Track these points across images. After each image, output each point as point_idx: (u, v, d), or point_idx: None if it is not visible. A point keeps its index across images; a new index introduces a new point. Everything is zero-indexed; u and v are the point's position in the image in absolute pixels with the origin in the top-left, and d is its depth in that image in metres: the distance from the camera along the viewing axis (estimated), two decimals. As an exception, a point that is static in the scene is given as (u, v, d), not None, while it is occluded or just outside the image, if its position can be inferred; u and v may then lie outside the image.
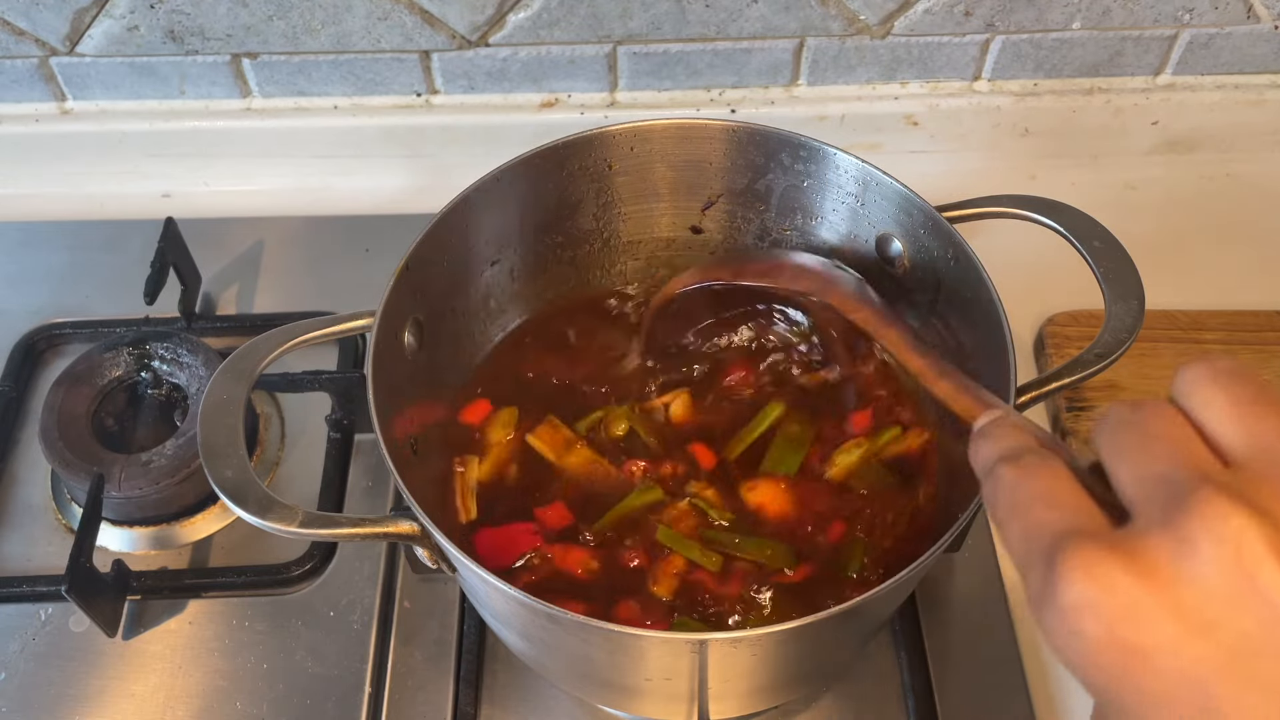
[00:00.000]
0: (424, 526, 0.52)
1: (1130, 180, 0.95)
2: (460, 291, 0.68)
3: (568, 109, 0.92)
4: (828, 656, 0.62)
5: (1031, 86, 0.92)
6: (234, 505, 0.52)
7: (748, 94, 0.92)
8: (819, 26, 0.86)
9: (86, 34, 0.86)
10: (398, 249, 0.61)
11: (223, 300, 0.87)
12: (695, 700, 0.58)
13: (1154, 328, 0.81)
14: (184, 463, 0.73)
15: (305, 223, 0.92)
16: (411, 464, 0.63)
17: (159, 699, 0.68)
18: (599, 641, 0.53)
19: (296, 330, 0.59)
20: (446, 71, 0.90)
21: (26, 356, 0.82)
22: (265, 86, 0.91)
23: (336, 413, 0.78)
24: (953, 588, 0.71)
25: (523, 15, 0.84)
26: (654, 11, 0.84)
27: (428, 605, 0.71)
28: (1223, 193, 0.94)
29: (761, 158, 0.68)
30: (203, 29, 0.85)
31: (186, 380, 0.77)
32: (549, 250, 0.72)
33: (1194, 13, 0.86)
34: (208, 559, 0.74)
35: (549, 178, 0.68)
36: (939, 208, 0.62)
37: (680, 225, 0.73)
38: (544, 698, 0.67)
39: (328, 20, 0.85)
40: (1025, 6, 0.85)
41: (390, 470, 0.53)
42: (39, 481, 0.77)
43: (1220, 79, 0.92)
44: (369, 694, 0.68)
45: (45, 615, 0.71)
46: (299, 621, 0.70)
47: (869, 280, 0.70)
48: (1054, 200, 0.63)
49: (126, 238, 0.88)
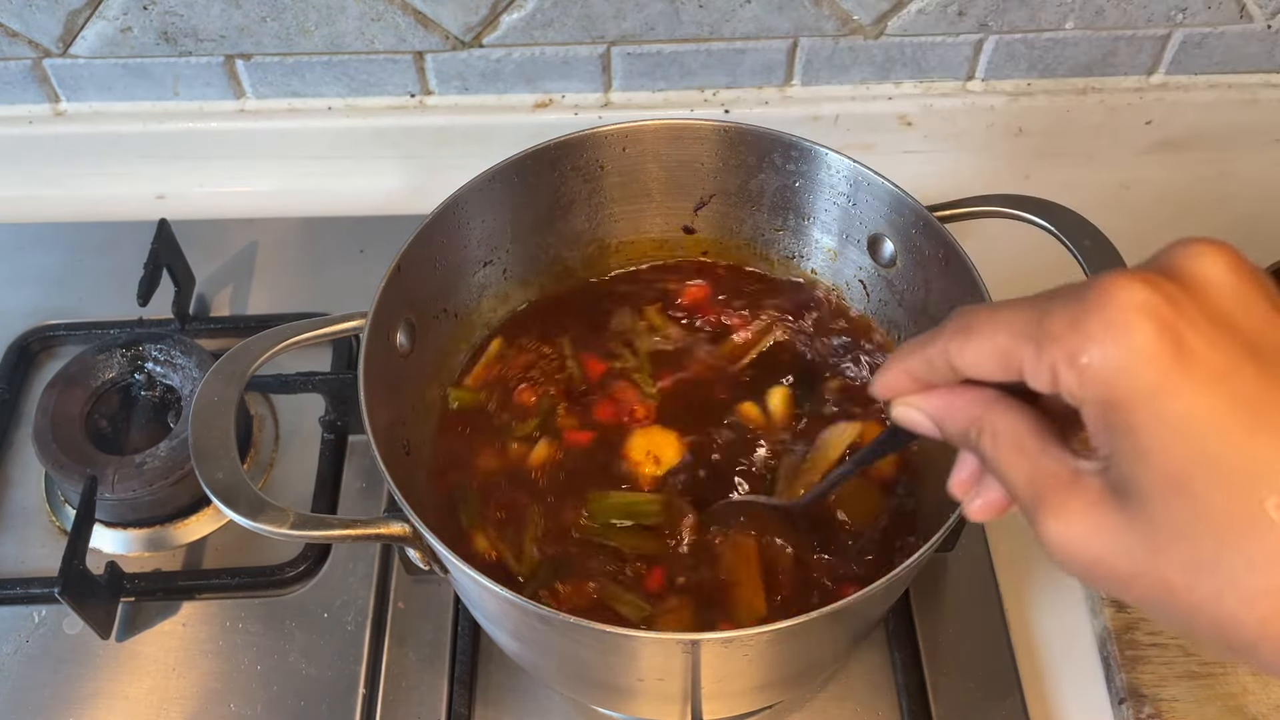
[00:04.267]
0: (416, 528, 0.52)
1: (1124, 180, 0.95)
2: (452, 292, 0.68)
3: (562, 110, 0.92)
4: (820, 656, 0.62)
5: (1025, 86, 0.92)
6: (225, 507, 0.52)
7: (741, 94, 0.92)
8: (812, 27, 0.86)
9: (80, 35, 0.86)
10: (392, 250, 0.61)
11: (216, 302, 0.87)
12: (688, 700, 0.58)
13: (1147, 327, 0.81)
14: (177, 464, 0.73)
15: (299, 224, 0.92)
16: (404, 465, 0.63)
17: (153, 701, 0.68)
18: (590, 642, 0.53)
19: (289, 332, 0.59)
20: (440, 72, 0.90)
21: (20, 358, 0.82)
22: (259, 88, 0.91)
23: (330, 414, 0.78)
24: (946, 587, 0.71)
25: (516, 16, 0.84)
26: (647, 12, 0.84)
27: (421, 606, 0.71)
28: (1216, 192, 0.94)
29: (753, 158, 0.68)
30: (196, 30, 0.85)
31: (180, 382, 0.77)
32: (541, 251, 0.72)
33: (1187, 12, 0.86)
34: (201, 561, 0.74)
35: (541, 178, 0.68)
36: (931, 207, 0.63)
37: (673, 225, 0.73)
38: (537, 698, 0.67)
39: (321, 21, 0.85)
40: (1018, 6, 0.85)
41: (382, 471, 0.53)
42: (32, 483, 0.77)
43: (1213, 78, 0.92)
44: (363, 695, 0.68)
45: (39, 617, 0.71)
46: (293, 623, 0.70)
47: (863, 281, 0.70)
48: (1045, 200, 0.63)
49: (120, 239, 0.88)
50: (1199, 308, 0.31)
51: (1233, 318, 0.31)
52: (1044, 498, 0.34)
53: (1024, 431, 0.35)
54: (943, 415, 0.38)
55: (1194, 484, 0.30)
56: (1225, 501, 0.30)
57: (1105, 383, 0.31)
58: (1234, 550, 0.30)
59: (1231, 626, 0.31)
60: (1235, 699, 0.65)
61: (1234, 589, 0.30)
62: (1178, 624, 0.33)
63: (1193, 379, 0.30)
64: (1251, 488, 0.30)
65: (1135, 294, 0.31)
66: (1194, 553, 0.31)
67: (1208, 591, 0.31)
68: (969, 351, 0.35)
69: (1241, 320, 0.31)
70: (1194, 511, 0.30)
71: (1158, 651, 0.67)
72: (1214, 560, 0.30)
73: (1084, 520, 0.33)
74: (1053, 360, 0.32)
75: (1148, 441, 0.31)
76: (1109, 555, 0.33)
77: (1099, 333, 0.31)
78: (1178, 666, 0.66)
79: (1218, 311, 0.31)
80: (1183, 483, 0.31)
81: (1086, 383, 0.31)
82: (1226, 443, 0.30)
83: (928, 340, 0.37)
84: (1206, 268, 0.32)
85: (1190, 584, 0.31)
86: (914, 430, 0.40)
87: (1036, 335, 0.33)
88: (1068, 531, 0.33)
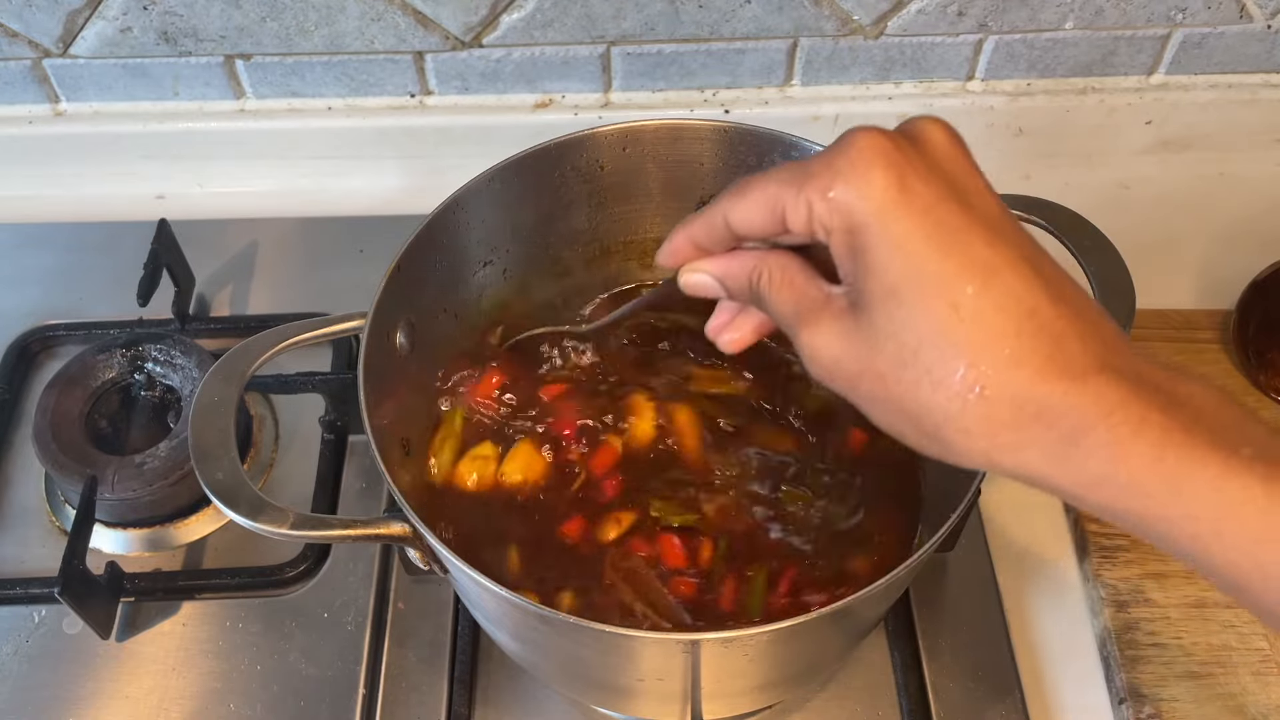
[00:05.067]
0: (415, 528, 0.52)
1: (1124, 180, 0.95)
2: (452, 292, 0.68)
3: (562, 110, 0.92)
4: (820, 656, 0.62)
5: (1025, 86, 0.92)
6: (225, 507, 0.52)
7: (741, 94, 0.92)
8: (812, 27, 0.86)
9: (80, 36, 0.86)
10: (392, 250, 0.61)
11: (216, 302, 0.87)
12: (688, 700, 0.58)
13: (1148, 327, 0.81)
14: (177, 464, 0.73)
15: (299, 224, 0.92)
16: (403, 465, 0.63)
17: (153, 701, 0.68)
18: (590, 642, 0.53)
19: (288, 332, 0.59)
20: (440, 72, 0.90)
21: (20, 358, 0.82)
22: (259, 88, 0.91)
23: (330, 414, 0.78)
24: (946, 587, 0.71)
25: (516, 16, 0.84)
26: (648, 12, 0.84)
27: (422, 606, 0.71)
28: (1216, 192, 0.94)
29: (753, 158, 0.68)
30: (196, 30, 0.85)
31: (180, 382, 0.77)
32: (541, 251, 0.72)
33: (1187, 12, 0.86)
34: (201, 561, 0.74)
35: (541, 179, 0.68)
36: (931, 207, 0.62)
37: (673, 225, 0.73)
38: (538, 698, 0.67)
39: (321, 21, 0.85)
40: (1018, 6, 0.85)
41: (382, 472, 0.53)
42: (32, 483, 0.77)
43: (1213, 78, 0.92)
44: (363, 695, 0.68)
45: (39, 617, 0.71)
46: (293, 623, 0.70)
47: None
48: (1044, 199, 0.63)
49: (120, 239, 0.88)
50: (920, 156, 0.38)
51: (943, 167, 0.39)
52: (802, 316, 0.41)
53: (793, 268, 0.42)
54: (725, 273, 0.45)
55: (903, 292, 0.37)
56: (924, 305, 0.37)
57: (846, 210, 0.38)
58: (929, 345, 0.37)
59: (925, 412, 0.38)
60: (1235, 699, 0.65)
61: (928, 376, 0.37)
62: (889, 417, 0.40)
63: (910, 208, 0.37)
64: (943, 294, 0.37)
65: (874, 140, 0.38)
66: (900, 349, 0.38)
67: (909, 381, 0.38)
68: (742, 207, 0.42)
69: (949, 169, 0.39)
70: (902, 315, 0.37)
71: (1158, 651, 0.67)
72: (914, 353, 0.37)
73: (828, 330, 0.40)
74: (809, 197, 0.39)
75: (873, 258, 0.38)
76: (843, 356, 0.40)
77: (844, 169, 0.38)
78: (1178, 666, 0.67)
79: (933, 161, 0.39)
80: (896, 291, 0.37)
81: (833, 212, 0.38)
82: (929, 259, 0.37)
83: (708, 208, 0.44)
84: (929, 131, 0.40)
85: (897, 376, 0.38)
86: (701, 293, 0.46)
87: (798, 179, 0.39)
88: (814, 340, 0.41)
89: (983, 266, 0.37)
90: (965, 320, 0.36)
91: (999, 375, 0.36)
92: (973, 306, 0.36)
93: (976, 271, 0.37)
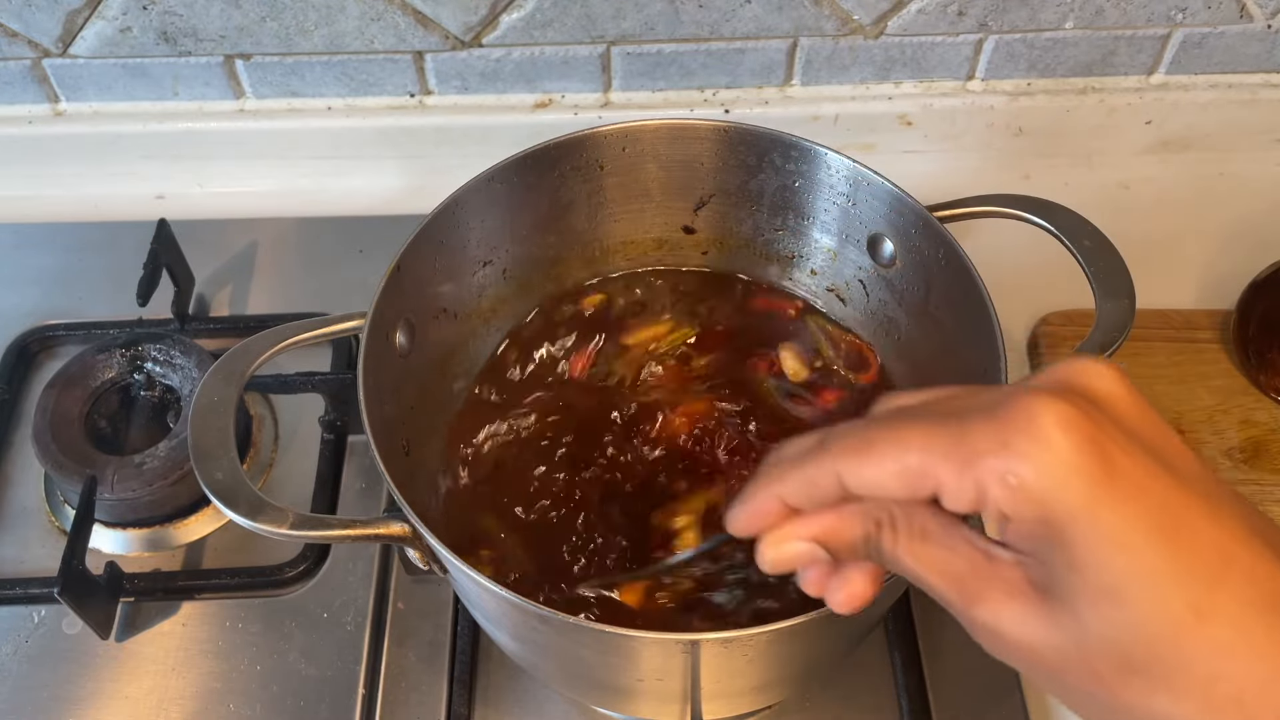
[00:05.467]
0: (415, 528, 0.52)
1: (1124, 180, 0.95)
2: (452, 292, 0.68)
3: (561, 109, 0.92)
4: (820, 656, 0.62)
5: (1025, 86, 0.92)
6: (224, 507, 0.52)
7: (741, 94, 0.92)
8: (812, 26, 0.86)
9: (79, 35, 0.86)
10: (392, 250, 0.61)
11: (216, 302, 0.87)
12: (688, 700, 0.58)
13: (1148, 327, 0.81)
14: (177, 464, 0.73)
15: (299, 224, 0.92)
16: (404, 465, 0.63)
17: (152, 701, 0.68)
18: (590, 642, 0.52)
19: (288, 332, 0.59)
20: (440, 72, 0.90)
21: (20, 358, 0.82)
22: (258, 87, 0.91)
23: (330, 414, 0.78)
24: (946, 587, 0.71)
25: (516, 15, 0.84)
26: (647, 12, 0.84)
27: (421, 606, 0.71)
28: (1216, 192, 0.94)
29: (753, 158, 0.68)
30: (195, 30, 0.85)
31: (179, 382, 0.77)
32: (541, 251, 0.72)
33: (1187, 12, 0.86)
34: (201, 561, 0.74)
35: (540, 178, 0.68)
36: (930, 207, 0.62)
37: (672, 225, 0.73)
38: (538, 699, 0.67)
39: (321, 21, 0.84)
40: (1018, 6, 0.85)
41: (381, 472, 0.53)
42: (32, 483, 0.77)
43: (1213, 78, 0.92)
44: (362, 695, 0.68)
45: (38, 617, 0.71)
46: (292, 623, 0.70)
47: (863, 281, 0.70)
48: (1045, 199, 0.63)
49: (120, 239, 0.88)
50: (1112, 422, 0.32)
51: (1139, 431, 0.33)
52: (967, 587, 0.35)
53: (924, 516, 0.35)
54: (831, 536, 0.37)
55: (1126, 592, 0.32)
56: (1156, 609, 0.31)
57: (1040, 500, 0.32)
58: (1168, 653, 0.32)
59: None
60: (1235, 699, 0.65)
61: (1167, 686, 0.32)
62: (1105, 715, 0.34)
63: (1121, 493, 0.31)
64: (1177, 594, 0.31)
65: (1060, 410, 0.32)
66: (1125, 653, 0.32)
67: (1139, 689, 0.32)
68: (868, 470, 0.35)
69: (1145, 433, 0.33)
70: (1124, 618, 0.32)
71: (1158, 652, 0.67)
72: (1145, 660, 0.32)
73: (1015, 612, 0.34)
74: (979, 479, 0.32)
75: (1082, 555, 0.32)
76: (1040, 646, 0.34)
77: (1030, 450, 0.32)
78: (1178, 667, 0.66)
79: (1127, 426, 0.33)
80: (1117, 592, 0.32)
81: (1020, 501, 0.32)
82: (1157, 555, 0.31)
83: (804, 460, 0.36)
84: (1108, 384, 0.34)
85: (1124, 681, 0.32)
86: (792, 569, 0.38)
87: (958, 454, 0.33)
88: (998, 622, 0.34)
89: (1216, 554, 0.32)
90: (1209, 623, 0.31)
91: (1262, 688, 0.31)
92: (1214, 605, 0.31)
93: (1211, 562, 0.32)
